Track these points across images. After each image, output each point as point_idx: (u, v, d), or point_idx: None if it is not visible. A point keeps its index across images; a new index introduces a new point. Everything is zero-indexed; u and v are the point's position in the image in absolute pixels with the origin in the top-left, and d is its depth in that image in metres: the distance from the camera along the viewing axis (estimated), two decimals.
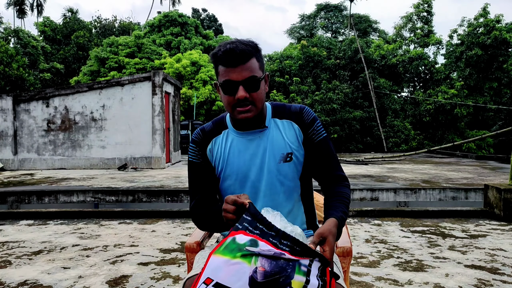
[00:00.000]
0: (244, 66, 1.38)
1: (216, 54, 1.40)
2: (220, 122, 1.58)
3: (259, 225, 1.10)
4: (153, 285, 2.98)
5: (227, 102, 1.42)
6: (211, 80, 22.24)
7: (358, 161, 13.66)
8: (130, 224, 5.12)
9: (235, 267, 1.04)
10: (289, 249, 1.06)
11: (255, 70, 1.40)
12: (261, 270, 1.03)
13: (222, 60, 1.39)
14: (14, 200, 6.72)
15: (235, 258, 1.05)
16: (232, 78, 1.38)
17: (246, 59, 1.38)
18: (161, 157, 11.71)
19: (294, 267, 1.05)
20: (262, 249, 1.05)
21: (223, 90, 1.41)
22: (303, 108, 1.54)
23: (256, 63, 1.41)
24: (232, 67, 1.38)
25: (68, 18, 35.17)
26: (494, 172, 10.04)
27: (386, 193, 6.70)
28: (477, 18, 23.40)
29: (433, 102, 22.27)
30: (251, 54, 1.40)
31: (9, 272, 3.29)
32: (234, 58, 1.36)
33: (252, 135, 1.50)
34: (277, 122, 1.52)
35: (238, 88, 1.38)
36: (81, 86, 11.92)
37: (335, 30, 35.68)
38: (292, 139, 1.50)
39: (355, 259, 3.57)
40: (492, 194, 5.35)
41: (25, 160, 11.77)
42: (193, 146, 1.57)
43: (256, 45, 1.44)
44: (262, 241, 1.07)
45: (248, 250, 1.05)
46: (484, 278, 3.09)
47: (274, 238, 1.08)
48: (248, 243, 1.06)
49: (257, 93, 1.41)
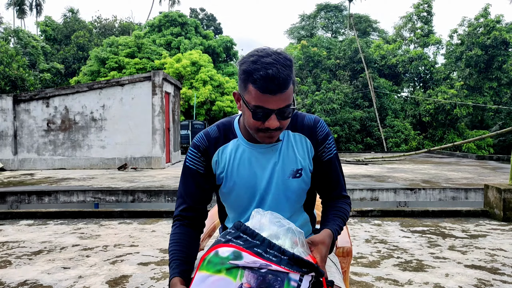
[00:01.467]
0: (282, 95, 1.23)
1: (251, 74, 1.22)
2: (228, 129, 1.45)
3: (242, 235, 1.04)
4: (153, 285, 2.98)
5: (254, 126, 1.29)
6: (211, 80, 22.25)
7: (358, 161, 13.66)
8: (130, 224, 5.12)
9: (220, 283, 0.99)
10: (276, 259, 1.00)
11: (290, 98, 1.26)
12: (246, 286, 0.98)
13: (258, 85, 1.21)
14: (14, 200, 6.72)
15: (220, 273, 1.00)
16: (267, 106, 1.24)
17: (286, 87, 1.23)
18: (161, 157, 11.71)
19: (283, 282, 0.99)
20: (246, 262, 0.99)
21: (253, 115, 1.26)
22: (317, 122, 1.45)
23: (291, 87, 1.25)
24: (269, 94, 1.22)
25: (68, 18, 35.16)
26: (494, 172, 10.04)
27: (386, 193, 6.70)
28: (477, 18, 23.41)
29: (433, 102, 22.28)
30: (291, 79, 1.24)
31: (9, 272, 3.29)
32: (275, 88, 1.21)
33: (264, 148, 1.41)
34: (289, 135, 1.43)
35: (271, 116, 1.25)
36: (81, 86, 11.92)
37: (335, 30, 35.69)
38: (303, 155, 1.43)
39: (355, 259, 3.57)
40: (492, 194, 5.35)
41: (25, 160, 11.77)
42: (195, 153, 1.44)
43: (292, 61, 1.27)
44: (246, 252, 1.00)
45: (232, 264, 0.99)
46: (484, 278, 3.09)
47: (259, 247, 1.01)
48: (232, 256, 1.00)
49: (287, 121, 1.30)
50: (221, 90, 22.53)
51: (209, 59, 24.08)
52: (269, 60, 1.21)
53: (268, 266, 1.00)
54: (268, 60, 1.21)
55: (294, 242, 1.09)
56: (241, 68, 1.26)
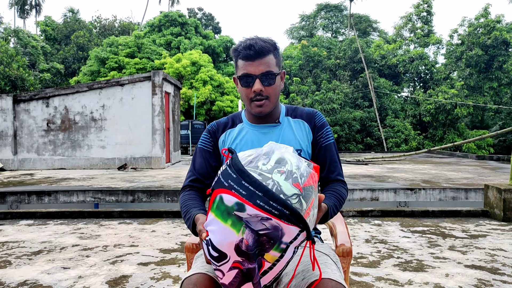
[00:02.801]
0: (261, 60, 1.46)
1: (236, 49, 1.50)
2: (236, 116, 1.67)
3: (244, 183, 1.09)
4: (153, 285, 2.98)
5: (245, 95, 1.52)
6: (211, 80, 22.24)
7: (358, 161, 13.66)
8: (130, 224, 5.11)
9: (226, 233, 1.09)
10: (277, 213, 1.06)
11: (271, 66, 1.48)
12: (245, 243, 1.07)
13: (241, 54, 1.48)
14: (14, 200, 6.71)
15: (226, 224, 1.09)
16: (250, 72, 1.47)
17: (264, 55, 1.47)
18: (161, 157, 11.71)
19: (274, 245, 1.08)
20: (249, 214, 1.06)
21: (241, 82, 1.50)
22: (316, 111, 1.65)
23: (273, 59, 1.49)
24: (250, 61, 1.46)
25: (68, 18, 35.15)
26: (494, 172, 10.04)
27: (386, 193, 6.70)
28: (478, 18, 23.41)
29: (433, 102, 22.27)
30: (269, 50, 1.48)
31: (9, 272, 3.28)
32: (253, 53, 1.45)
33: (265, 129, 1.58)
34: (290, 120, 1.61)
35: (255, 81, 1.47)
36: (81, 86, 11.91)
37: (335, 30, 35.68)
38: (303, 137, 1.58)
39: (355, 259, 3.57)
40: (492, 194, 5.35)
41: (25, 160, 11.77)
42: (206, 135, 1.65)
43: (275, 43, 1.52)
44: (248, 204, 1.07)
45: (236, 215, 1.07)
46: (484, 278, 3.08)
47: (261, 199, 1.07)
48: (236, 207, 1.08)
49: (272, 88, 1.50)
50: (221, 90, 22.52)
51: (209, 59, 24.07)
52: (251, 37, 1.50)
53: (269, 220, 1.07)
54: (249, 38, 1.50)
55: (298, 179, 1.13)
56: (232, 50, 1.52)
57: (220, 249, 1.10)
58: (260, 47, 1.45)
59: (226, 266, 1.11)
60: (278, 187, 1.10)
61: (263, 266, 1.11)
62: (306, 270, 1.33)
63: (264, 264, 1.11)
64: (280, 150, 1.18)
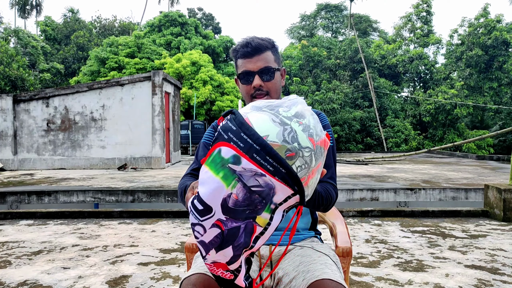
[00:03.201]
0: (259, 57, 1.49)
1: (235, 49, 1.53)
2: None
3: (243, 135, 1.05)
4: (153, 285, 2.98)
5: (246, 92, 1.53)
6: (211, 80, 22.23)
7: (358, 161, 13.66)
8: (130, 224, 5.11)
9: (215, 185, 1.04)
10: (272, 169, 1.02)
11: (270, 61, 1.50)
12: (234, 197, 1.02)
13: (239, 53, 1.51)
14: (14, 200, 6.71)
15: (217, 176, 1.04)
16: (249, 68, 1.49)
17: (261, 51, 1.49)
18: (161, 157, 11.71)
19: (265, 205, 1.04)
20: (243, 168, 1.02)
21: (241, 80, 1.52)
22: (320, 113, 1.63)
23: (271, 55, 1.51)
24: (248, 58, 1.49)
25: (68, 18, 35.15)
26: (494, 172, 10.04)
27: (386, 193, 6.70)
28: (478, 18, 23.41)
29: (433, 102, 22.28)
30: (266, 47, 1.50)
31: (9, 272, 3.28)
32: (250, 50, 1.48)
33: None
34: None
35: (254, 77, 1.49)
36: (81, 86, 11.92)
37: (335, 30, 35.68)
38: None
39: (355, 259, 3.57)
40: (492, 194, 5.35)
41: (25, 160, 11.77)
42: (210, 130, 1.66)
43: (272, 41, 1.54)
44: (245, 157, 1.03)
45: (230, 168, 1.03)
46: (484, 278, 3.08)
47: (258, 154, 1.02)
48: (231, 160, 1.03)
49: (271, 83, 1.51)
50: (221, 90, 22.52)
51: (209, 59, 24.07)
52: (249, 37, 1.52)
53: (262, 176, 1.02)
54: (247, 37, 1.52)
55: (309, 139, 1.09)
56: (231, 51, 1.55)
57: (205, 201, 1.04)
58: (257, 44, 1.48)
59: (209, 222, 1.05)
60: (294, 135, 1.07)
61: (255, 231, 1.06)
62: (306, 270, 1.33)
63: (255, 228, 1.06)
64: (301, 105, 1.15)
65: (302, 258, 1.41)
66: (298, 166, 1.06)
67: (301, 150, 1.06)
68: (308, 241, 1.55)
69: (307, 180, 1.10)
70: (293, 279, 1.34)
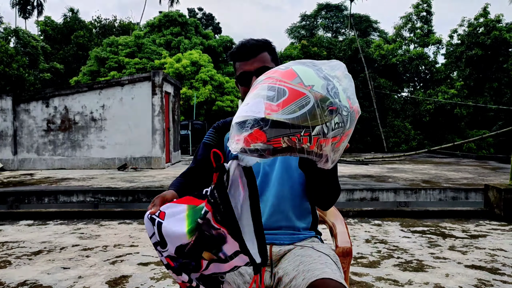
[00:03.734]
0: (255, 58, 1.49)
1: (232, 52, 1.54)
2: None
3: (217, 198, 1.06)
4: (153, 285, 2.98)
5: (244, 93, 1.52)
6: (211, 80, 22.23)
7: (358, 161, 13.65)
8: (130, 224, 5.11)
9: (180, 233, 1.07)
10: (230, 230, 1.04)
11: (266, 61, 1.50)
12: (190, 244, 1.06)
13: (236, 56, 1.52)
14: (14, 200, 6.71)
15: (186, 227, 1.07)
16: (246, 70, 1.50)
17: (258, 52, 1.50)
18: (161, 157, 11.70)
19: (213, 248, 1.07)
20: (204, 222, 1.05)
21: (239, 82, 1.53)
22: None
23: (267, 56, 1.51)
24: (245, 60, 1.50)
25: (68, 18, 35.15)
26: (494, 172, 10.04)
27: (386, 193, 6.70)
28: (477, 18, 23.40)
29: (433, 102, 22.28)
30: (262, 47, 1.51)
31: (9, 272, 3.28)
32: (246, 51, 1.49)
33: None
34: None
35: (251, 78, 1.48)
36: (81, 86, 11.91)
37: (335, 30, 35.69)
38: None
39: (355, 259, 3.57)
40: (492, 194, 5.35)
41: (25, 160, 11.76)
42: (211, 131, 1.66)
43: (269, 41, 1.55)
44: (212, 217, 1.05)
45: (197, 223, 1.06)
46: (484, 278, 3.08)
47: (221, 215, 1.04)
48: (201, 215, 1.06)
49: None
50: (221, 90, 22.52)
51: (209, 59, 24.06)
52: (244, 39, 1.54)
53: (219, 231, 1.06)
54: (243, 40, 1.53)
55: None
56: (229, 55, 1.55)
57: (165, 238, 1.09)
58: (253, 45, 1.49)
59: (163, 253, 1.12)
60: (336, 91, 1.05)
61: (202, 266, 1.09)
62: (307, 270, 1.33)
63: (202, 263, 1.09)
64: (343, 71, 1.14)
65: (302, 257, 1.41)
66: (336, 122, 1.04)
67: (341, 107, 1.05)
68: (308, 241, 1.55)
69: (340, 142, 1.09)
70: (293, 279, 1.34)
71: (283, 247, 1.51)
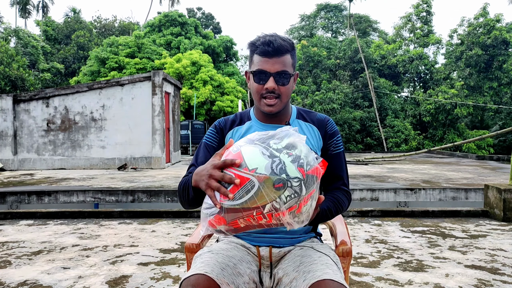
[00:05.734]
0: (278, 59, 1.44)
1: (254, 43, 1.47)
2: (244, 114, 1.64)
3: None
4: (153, 285, 2.98)
5: (256, 91, 1.48)
6: (211, 80, 22.23)
7: (358, 161, 13.66)
8: (130, 224, 5.11)
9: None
10: None
11: (287, 65, 1.46)
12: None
13: (259, 50, 1.45)
14: (14, 200, 6.71)
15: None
16: (265, 68, 1.44)
17: (282, 53, 1.45)
18: (161, 157, 11.71)
19: None
20: None
21: (254, 78, 1.47)
22: (328, 118, 1.61)
23: (290, 59, 1.48)
24: (267, 57, 1.44)
25: (69, 18, 35.15)
26: (494, 172, 10.04)
27: (386, 193, 6.70)
28: (477, 18, 23.41)
29: (433, 102, 22.28)
30: (287, 49, 1.46)
31: (9, 272, 3.28)
32: (271, 50, 1.43)
33: (274, 128, 1.50)
34: (300, 124, 1.58)
35: (269, 78, 1.45)
36: (81, 86, 11.91)
37: (335, 30, 35.68)
38: (313, 142, 1.55)
39: (355, 259, 3.57)
40: (492, 194, 5.35)
41: (25, 160, 11.77)
42: (212, 130, 1.61)
43: (293, 43, 1.50)
44: None
45: None
46: (484, 278, 3.08)
47: None
48: None
49: (285, 88, 1.47)
50: (221, 90, 22.52)
51: (209, 59, 24.06)
52: (270, 34, 1.47)
53: None
54: (269, 34, 1.47)
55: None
56: (249, 44, 1.50)
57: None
58: (279, 45, 1.43)
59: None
60: (283, 166, 1.12)
61: None
62: (307, 271, 1.32)
63: None
64: (293, 137, 1.19)
65: (302, 258, 1.41)
66: (287, 195, 1.11)
67: (290, 180, 1.12)
68: (308, 241, 1.55)
69: (299, 208, 1.15)
70: (293, 280, 1.34)
71: (282, 248, 1.51)
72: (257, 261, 1.49)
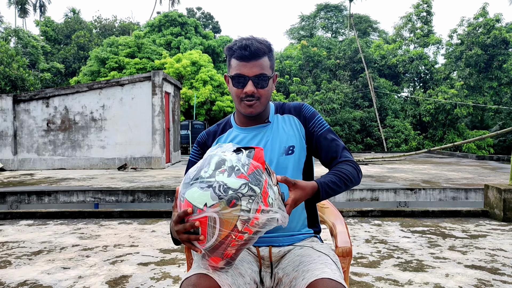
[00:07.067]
0: (256, 62, 1.44)
1: (231, 48, 1.47)
2: (225, 123, 1.65)
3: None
4: (153, 285, 2.98)
5: (235, 95, 1.49)
6: (211, 80, 22.24)
7: (358, 161, 13.66)
8: (130, 224, 5.11)
9: None
10: None
11: (265, 68, 1.46)
12: None
13: (236, 54, 1.45)
14: (14, 200, 6.71)
15: None
16: (243, 73, 1.45)
17: (259, 57, 1.45)
18: (161, 157, 11.71)
19: None
20: None
21: (233, 82, 1.48)
22: (303, 103, 1.63)
23: (267, 61, 1.48)
24: (244, 61, 1.44)
25: (69, 18, 35.14)
26: (494, 172, 10.04)
27: (386, 193, 6.70)
28: (477, 18, 23.41)
29: (433, 102, 22.28)
30: (264, 52, 1.46)
31: (9, 272, 3.28)
32: (248, 54, 1.43)
33: (255, 130, 1.56)
34: (279, 118, 1.60)
35: (248, 82, 1.45)
36: (81, 86, 11.91)
37: (335, 30, 35.68)
38: (294, 132, 1.56)
39: (355, 259, 3.57)
40: (492, 194, 5.35)
41: (25, 160, 11.77)
42: (195, 147, 1.64)
43: (270, 45, 1.51)
44: None
45: None
46: (484, 278, 3.08)
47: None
48: None
49: (264, 90, 1.48)
50: (221, 90, 22.52)
51: (209, 59, 24.06)
52: (246, 37, 1.48)
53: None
54: (245, 38, 1.48)
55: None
56: (226, 48, 1.49)
57: None
58: (256, 49, 1.43)
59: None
60: (223, 186, 1.14)
61: None
62: (306, 270, 1.33)
63: None
64: (217, 154, 1.22)
65: (302, 258, 1.41)
66: (246, 204, 1.14)
67: (238, 192, 1.13)
68: (308, 241, 1.55)
69: (265, 203, 1.16)
70: (293, 279, 1.34)
71: (282, 248, 1.51)
72: (257, 261, 1.49)
